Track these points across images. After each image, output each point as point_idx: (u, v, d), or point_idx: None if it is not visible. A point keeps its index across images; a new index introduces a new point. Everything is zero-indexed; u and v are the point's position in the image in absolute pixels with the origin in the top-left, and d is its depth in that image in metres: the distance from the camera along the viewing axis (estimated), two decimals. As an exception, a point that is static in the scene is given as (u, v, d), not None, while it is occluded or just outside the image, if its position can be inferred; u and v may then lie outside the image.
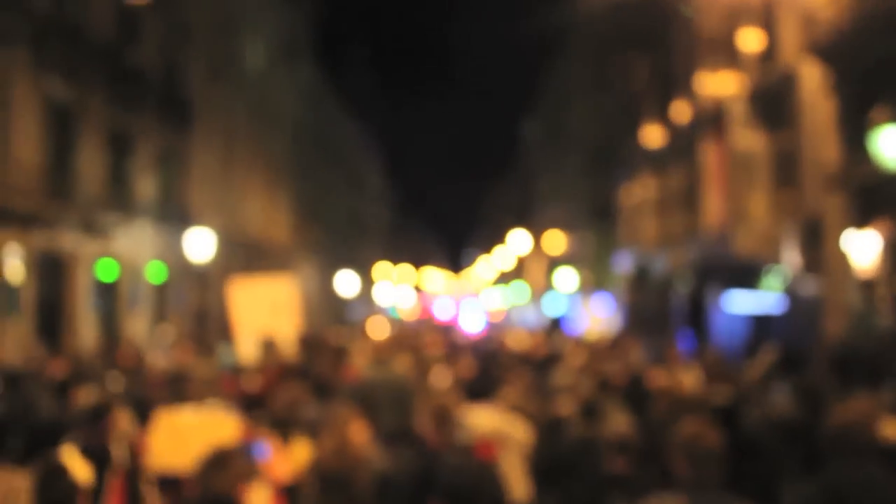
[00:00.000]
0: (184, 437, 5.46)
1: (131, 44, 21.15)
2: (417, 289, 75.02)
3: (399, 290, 64.68)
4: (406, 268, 71.93)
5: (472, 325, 35.95)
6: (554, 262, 37.98)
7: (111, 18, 20.17)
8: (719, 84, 19.47)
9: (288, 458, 5.67)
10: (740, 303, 19.46)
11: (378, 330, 28.38)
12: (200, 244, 21.41)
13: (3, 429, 6.38)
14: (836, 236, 14.38)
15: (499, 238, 53.56)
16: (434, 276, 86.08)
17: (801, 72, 15.22)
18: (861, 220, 13.83)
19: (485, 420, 6.42)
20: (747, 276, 18.75)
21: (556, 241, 38.74)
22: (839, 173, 14.23)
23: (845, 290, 14.42)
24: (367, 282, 52.39)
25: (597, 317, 31.52)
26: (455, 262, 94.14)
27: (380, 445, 5.51)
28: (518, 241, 44.07)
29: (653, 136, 25.32)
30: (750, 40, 17.58)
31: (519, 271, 50.94)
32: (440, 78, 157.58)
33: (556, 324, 34.47)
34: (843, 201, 14.29)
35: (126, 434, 5.88)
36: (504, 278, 58.32)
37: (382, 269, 58.85)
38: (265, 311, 12.41)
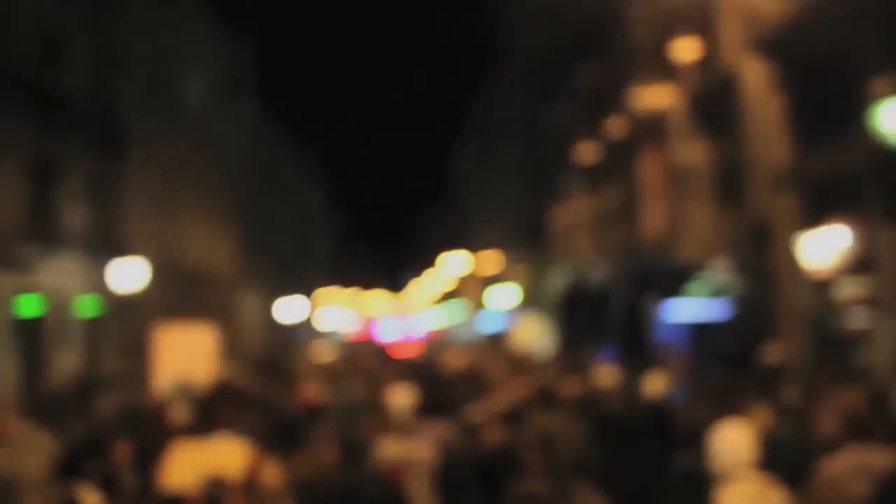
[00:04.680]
0: (197, 462, 5.26)
1: (55, 68, 18.73)
2: (360, 311, 72.80)
3: (342, 312, 62.40)
4: (348, 291, 69.64)
5: (410, 344, 34.20)
6: (489, 281, 36.38)
7: (31, 40, 17.77)
8: (656, 97, 17.88)
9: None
10: (681, 311, 17.94)
11: (323, 353, 26.52)
12: (130, 274, 19.01)
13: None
14: (787, 238, 12.80)
15: (436, 259, 51.88)
16: (376, 298, 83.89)
17: (743, 71, 13.66)
18: (813, 220, 12.26)
19: (391, 448, 6.48)
20: (688, 284, 17.22)
21: (491, 260, 37.13)
22: (789, 173, 12.66)
23: (797, 292, 12.82)
24: (312, 306, 50.02)
25: (532, 332, 30.09)
26: (395, 284, 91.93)
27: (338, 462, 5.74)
28: (453, 262, 42.51)
29: (587, 153, 23.70)
30: (686, 49, 16.05)
31: (458, 290, 49.30)
32: (378, 105, 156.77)
33: (493, 339, 32.93)
34: (793, 201, 12.71)
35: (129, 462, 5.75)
36: (443, 297, 56.56)
37: (326, 294, 56.59)
38: (184, 356, 13.28)
